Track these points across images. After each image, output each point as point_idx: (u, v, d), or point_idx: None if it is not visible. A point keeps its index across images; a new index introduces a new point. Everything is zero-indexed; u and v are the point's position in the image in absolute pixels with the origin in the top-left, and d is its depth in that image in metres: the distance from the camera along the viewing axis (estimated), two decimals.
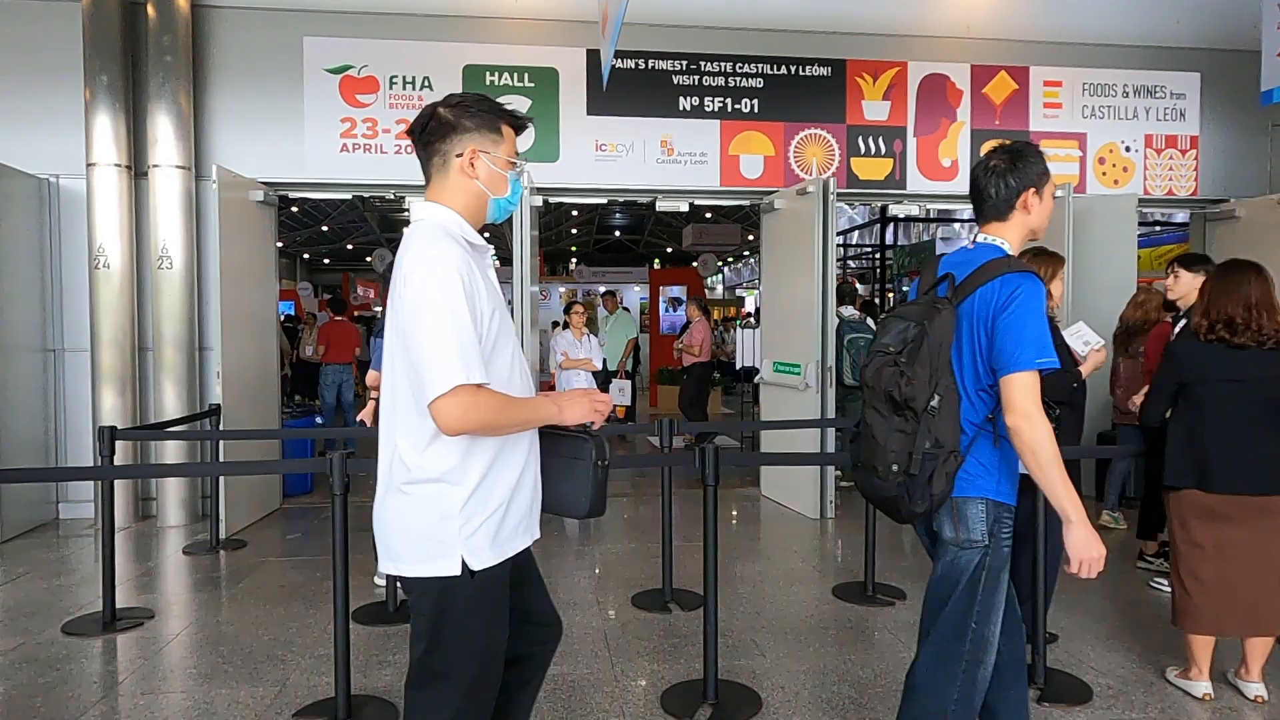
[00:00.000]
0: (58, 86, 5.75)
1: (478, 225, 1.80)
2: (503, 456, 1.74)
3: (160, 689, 3.26)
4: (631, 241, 24.67)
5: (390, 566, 1.76)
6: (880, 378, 1.98)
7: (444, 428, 1.61)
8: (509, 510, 1.76)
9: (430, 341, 1.60)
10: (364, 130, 6.08)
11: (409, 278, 1.65)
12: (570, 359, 6.88)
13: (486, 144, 1.76)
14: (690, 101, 6.38)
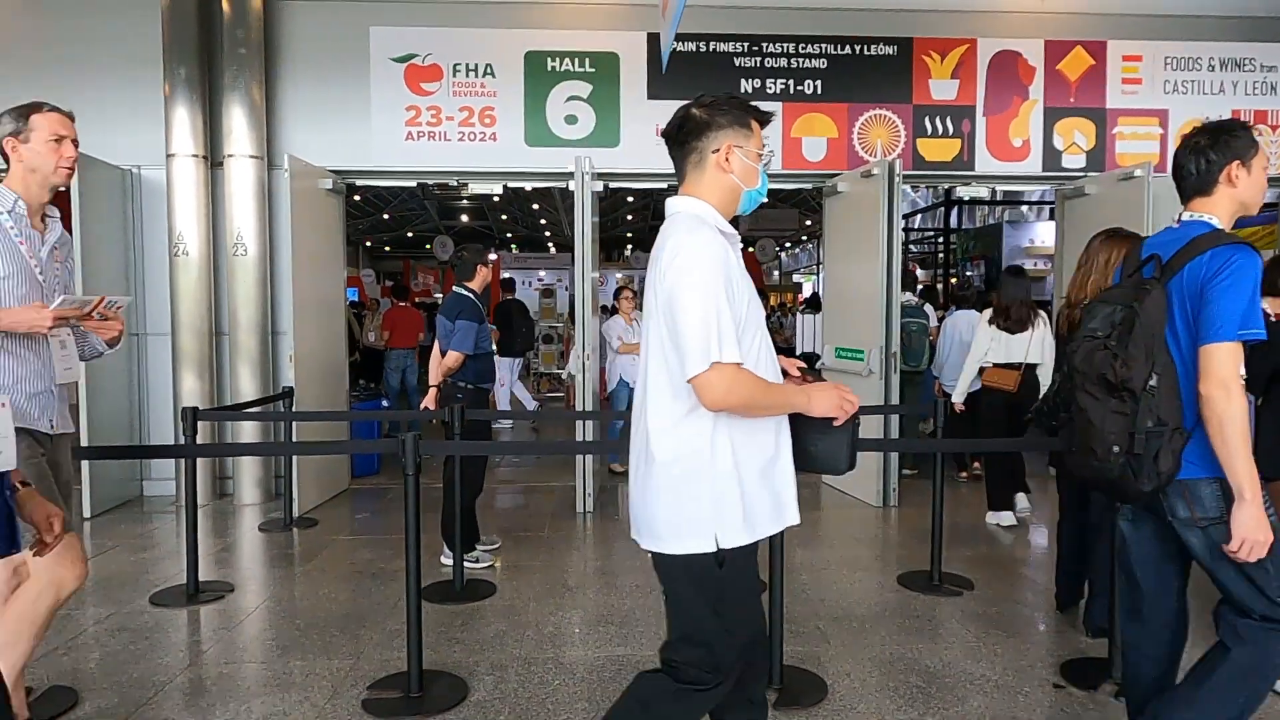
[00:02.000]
0: (139, 81, 5.97)
1: (728, 216, 1.88)
2: (753, 439, 1.81)
3: (241, 659, 3.39)
4: None
5: (647, 543, 1.85)
6: (1091, 361, 2.04)
7: (707, 403, 1.70)
8: (759, 492, 1.82)
9: (692, 321, 1.69)
10: (428, 118, 6.16)
11: (672, 263, 1.74)
12: (625, 344, 6.91)
13: (739, 139, 1.84)
14: (752, 84, 6.30)
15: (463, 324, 4.42)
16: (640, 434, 1.87)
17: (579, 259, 5.72)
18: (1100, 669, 3.18)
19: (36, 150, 2.42)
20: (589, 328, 5.72)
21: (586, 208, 5.67)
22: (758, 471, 1.82)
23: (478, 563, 4.51)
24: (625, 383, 6.87)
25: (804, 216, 19.71)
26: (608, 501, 6.19)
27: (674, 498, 1.79)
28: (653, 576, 4.34)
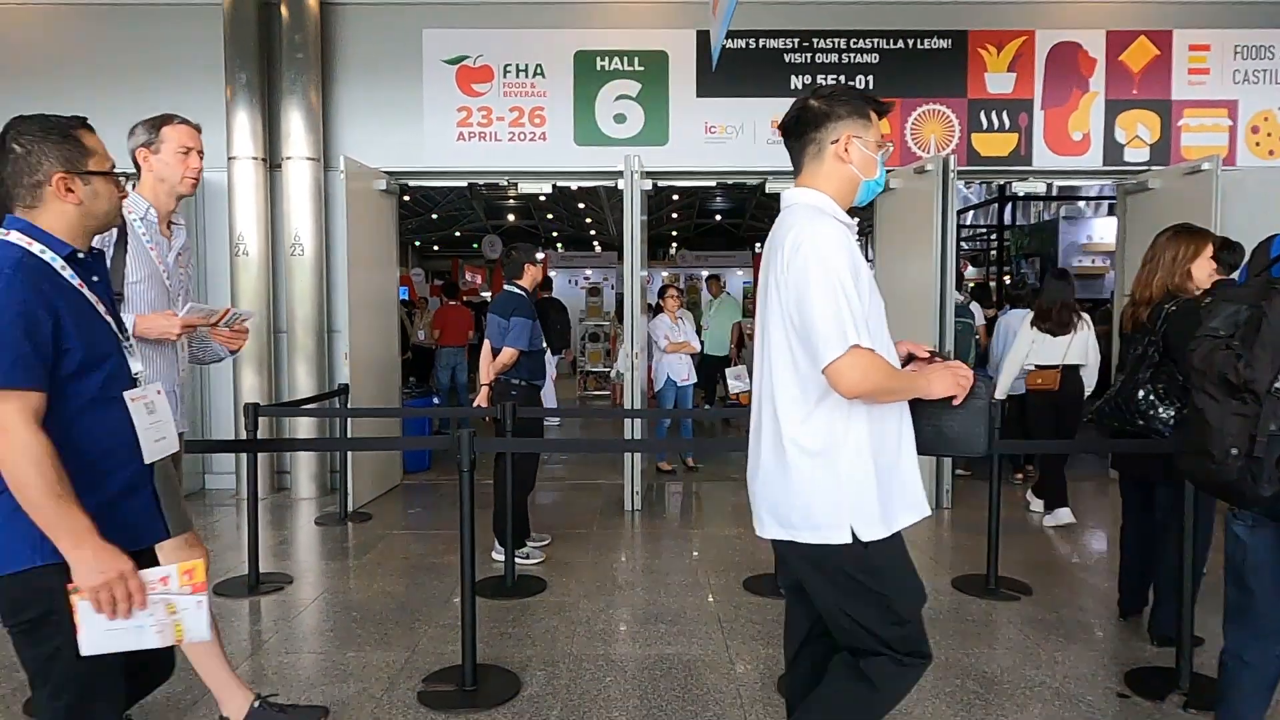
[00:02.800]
0: (201, 87, 6.13)
1: (845, 208, 1.89)
2: (883, 427, 1.82)
3: (300, 649, 3.48)
4: (732, 225, 24.45)
5: (778, 532, 1.86)
6: (1211, 361, 2.00)
7: (844, 389, 1.71)
8: (893, 482, 1.83)
9: (823, 310, 1.70)
10: (479, 119, 6.24)
11: (796, 254, 1.76)
12: (672, 343, 6.91)
13: (858, 129, 1.85)
14: (802, 80, 6.24)
15: (517, 321, 4.47)
16: (765, 428, 1.89)
17: (627, 258, 5.74)
18: (1167, 679, 3.08)
19: (166, 161, 2.50)
20: (637, 326, 5.73)
21: (635, 206, 5.68)
22: (890, 460, 1.83)
23: (528, 558, 4.55)
24: (673, 381, 6.87)
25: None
26: (655, 500, 6.20)
27: (807, 488, 1.80)
28: (701, 576, 4.36)
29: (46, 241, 1.64)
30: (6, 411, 1.50)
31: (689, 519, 5.71)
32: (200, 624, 1.66)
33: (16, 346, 1.51)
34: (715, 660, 3.33)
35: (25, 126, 1.65)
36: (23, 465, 1.50)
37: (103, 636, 1.58)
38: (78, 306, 1.63)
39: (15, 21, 6.29)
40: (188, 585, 1.64)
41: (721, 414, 9.22)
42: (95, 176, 1.69)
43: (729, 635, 3.58)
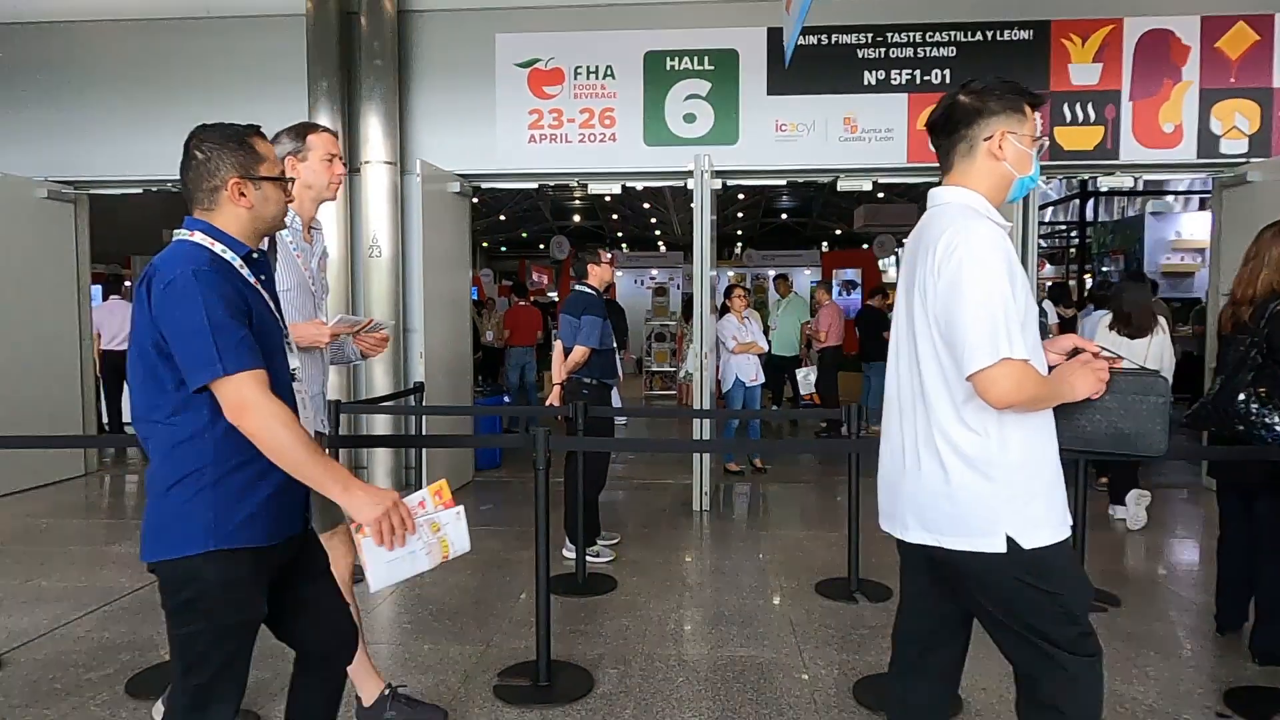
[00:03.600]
0: (285, 94, 6.36)
1: (997, 205, 1.83)
2: (1038, 431, 1.75)
3: (378, 640, 3.57)
4: (798, 224, 24.14)
5: (924, 536, 1.80)
6: None
7: (994, 399, 1.64)
8: (1053, 486, 1.76)
9: (975, 316, 1.64)
10: (550, 121, 6.31)
11: (949, 257, 1.69)
12: (740, 344, 6.86)
13: (1013, 124, 1.79)
14: (875, 75, 6.13)
15: (588, 319, 4.51)
16: (909, 430, 1.83)
17: (697, 257, 5.72)
18: (1271, 700, 2.92)
19: (313, 168, 2.55)
20: (706, 327, 5.71)
21: (705, 206, 5.67)
22: (1047, 464, 1.76)
23: (598, 557, 4.58)
24: (741, 382, 6.82)
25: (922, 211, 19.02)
26: (723, 501, 6.17)
27: (960, 493, 1.73)
28: (771, 578, 4.32)
29: (227, 242, 1.74)
30: (245, 390, 1.60)
31: (758, 520, 5.67)
32: (462, 536, 1.78)
33: (236, 331, 1.62)
34: (788, 664, 3.30)
35: (206, 134, 1.75)
36: (277, 431, 1.61)
37: (386, 569, 1.71)
38: (258, 304, 1.74)
39: (115, 35, 6.63)
40: (440, 504, 1.76)
41: (789, 415, 9.13)
42: (266, 181, 1.77)
43: (801, 639, 3.54)
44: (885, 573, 4.29)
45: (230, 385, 1.60)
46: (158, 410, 1.68)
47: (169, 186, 6.81)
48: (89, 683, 3.11)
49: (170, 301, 1.62)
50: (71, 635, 3.56)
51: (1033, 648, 1.77)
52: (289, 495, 1.76)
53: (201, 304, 1.60)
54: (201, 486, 1.65)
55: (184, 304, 1.61)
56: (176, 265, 1.65)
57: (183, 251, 1.69)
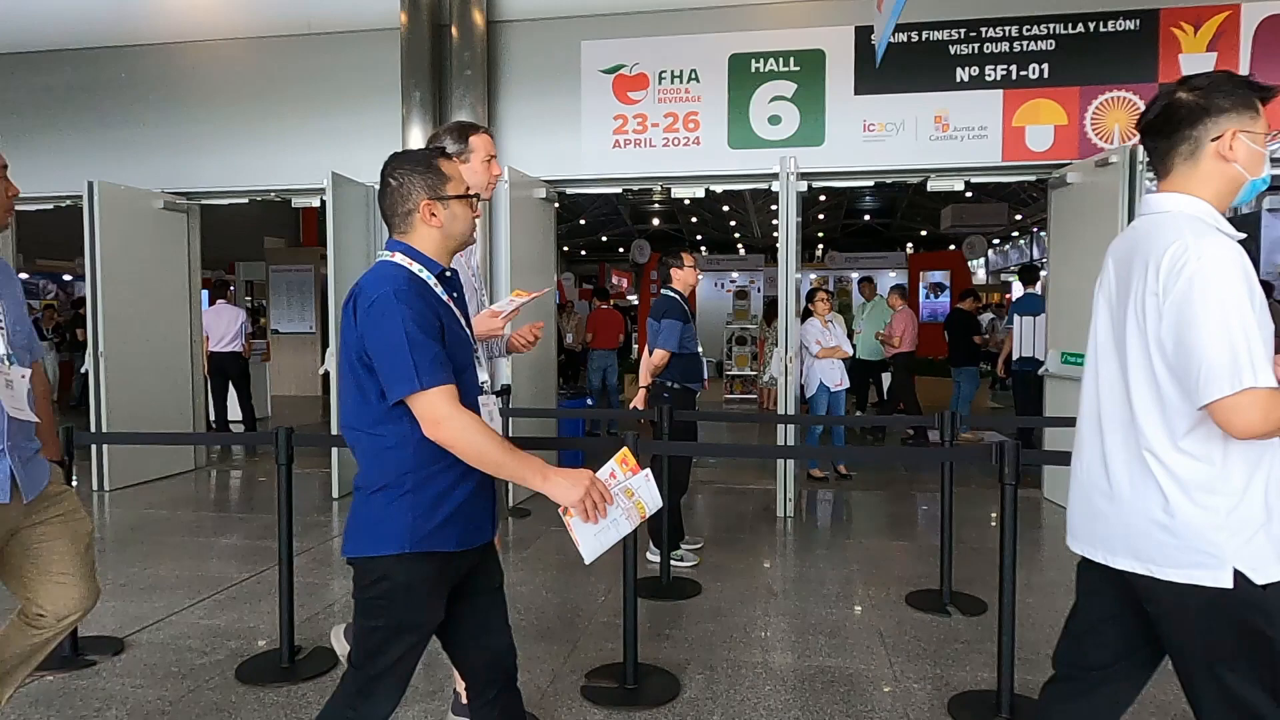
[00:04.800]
0: (381, 104, 6.61)
1: (1223, 211, 1.71)
2: (1265, 457, 1.60)
3: None
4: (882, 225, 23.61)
5: (1134, 565, 1.66)
6: None
7: (1238, 430, 1.50)
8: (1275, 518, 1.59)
9: (1212, 342, 1.50)
10: (634, 126, 6.35)
11: (1178, 274, 1.55)
12: (824, 349, 6.76)
13: (1245, 122, 1.64)
14: (969, 72, 5.94)
15: (667, 323, 4.52)
16: (1113, 453, 1.70)
17: (782, 260, 5.66)
18: None
19: (474, 169, 2.61)
20: (792, 330, 5.64)
21: (790, 208, 5.60)
22: (1274, 495, 1.59)
23: (682, 561, 4.58)
24: (825, 387, 6.72)
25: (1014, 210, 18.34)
26: (807, 507, 6.08)
27: (1176, 520, 1.59)
28: (859, 587, 4.23)
29: (423, 261, 1.83)
30: (438, 404, 1.69)
31: (843, 528, 5.56)
32: (654, 494, 1.85)
33: (430, 348, 1.70)
34: (878, 676, 3.22)
35: (398, 162, 1.86)
36: (473, 437, 1.70)
37: (595, 540, 1.82)
38: (450, 320, 1.82)
39: (223, 54, 7.01)
40: (628, 470, 1.84)
41: (874, 420, 8.93)
42: (453, 200, 1.85)
43: (892, 651, 3.46)
44: (979, 586, 4.16)
45: (425, 400, 1.69)
46: (363, 420, 1.79)
47: (271, 196, 7.16)
48: (202, 667, 3.28)
49: (373, 319, 1.72)
50: (185, 621, 3.77)
51: (1237, 704, 1.57)
52: (480, 503, 1.85)
53: (400, 322, 1.69)
54: (403, 492, 1.75)
55: (385, 322, 1.70)
56: (378, 285, 1.74)
57: (384, 272, 1.79)
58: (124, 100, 7.08)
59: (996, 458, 2.80)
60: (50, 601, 2.23)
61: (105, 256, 6.29)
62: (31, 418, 2.12)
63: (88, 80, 7.13)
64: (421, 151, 1.89)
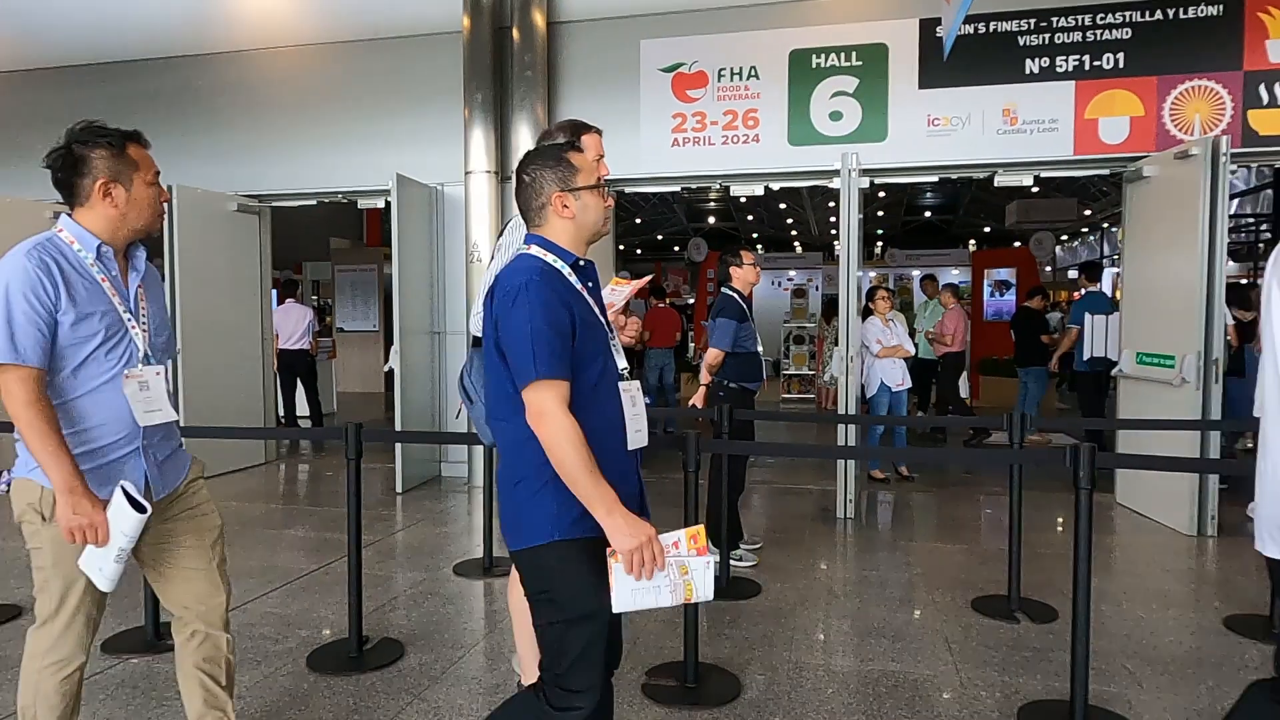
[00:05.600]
0: (443, 107, 6.73)
1: None
2: None
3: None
4: (942, 222, 23.08)
5: None
6: None
7: None
8: None
9: None
10: (693, 124, 6.33)
11: None
12: (886, 348, 6.64)
13: None
14: (1039, 63, 5.77)
15: (721, 321, 4.50)
16: None
17: (842, 258, 5.58)
18: None
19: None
20: (853, 329, 5.56)
21: (851, 205, 5.52)
22: None
23: (741, 561, 4.55)
24: (886, 386, 6.60)
25: (1082, 205, 17.74)
26: (868, 509, 5.98)
27: None
28: (922, 591, 4.15)
29: (557, 252, 1.87)
30: (546, 399, 1.72)
31: (905, 531, 5.46)
32: (707, 584, 1.78)
33: (550, 341, 1.73)
34: (945, 682, 3.16)
35: (530, 158, 1.92)
36: (563, 445, 1.71)
37: (629, 595, 1.76)
38: (583, 308, 1.84)
39: (292, 60, 7.22)
40: (694, 548, 1.78)
41: (936, 421, 8.74)
42: (583, 191, 1.88)
43: (959, 657, 3.38)
44: (1049, 592, 4.05)
45: (536, 391, 1.72)
46: (503, 409, 1.84)
47: (338, 198, 7.35)
48: (275, 654, 3.39)
49: (505, 310, 1.77)
50: (258, 610, 3.89)
51: None
52: (624, 490, 1.81)
53: (528, 313, 1.73)
54: (544, 481, 1.77)
55: (515, 312, 1.75)
56: (513, 277, 1.79)
57: (520, 264, 1.83)
58: (201, 107, 7.35)
59: (1070, 461, 2.71)
60: (179, 597, 2.22)
61: (183, 256, 6.55)
62: (168, 417, 2.12)
63: (167, 88, 7.42)
64: (553, 146, 1.93)
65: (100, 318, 1.99)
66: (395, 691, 3.07)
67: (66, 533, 1.91)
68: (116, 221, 2.04)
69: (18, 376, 1.88)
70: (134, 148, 2.05)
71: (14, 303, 1.88)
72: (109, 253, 2.05)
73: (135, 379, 2.05)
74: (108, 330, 2.00)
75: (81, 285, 1.97)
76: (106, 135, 2.01)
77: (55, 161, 2.02)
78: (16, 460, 2.04)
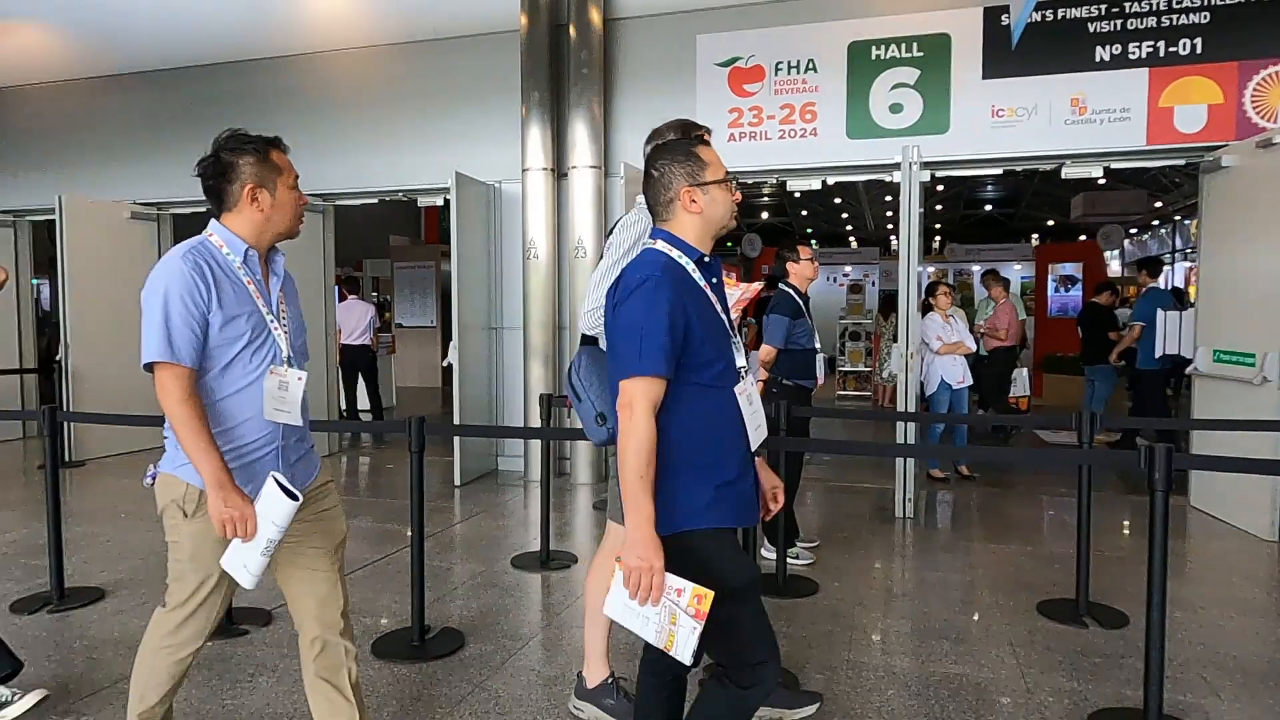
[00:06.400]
0: (500, 106, 6.81)
1: None
2: None
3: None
4: (1003, 215, 22.50)
5: None
6: None
7: None
8: None
9: None
10: (750, 119, 6.29)
11: None
12: (946, 345, 6.50)
13: None
14: (1110, 50, 5.58)
15: (774, 318, 4.46)
16: None
17: (902, 252, 5.48)
18: None
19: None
20: (912, 325, 5.46)
21: (913, 199, 5.42)
22: None
23: (798, 559, 4.52)
24: (947, 384, 6.47)
25: (1152, 197, 17.11)
26: (927, 508, 5.87)
27: None
28: (984, 593, 4.06)
29: (682, 248, 1.87)
30: (637, 394, 1.73)
31: (966, 531, 5.35)
32: (687, 648, 1.72)
33: (659, 339, 1.73)
34: (1010, 687, 3.08)
35: (660, 152, 1.92)
36: (633, 443, 1.72)
37: (621, 609, 1.76)
38: (703, 305, 1.84)
39: (354, 62, 7.39)
40: (693, 608, 1.73)
41: (997, 420, 8.52)
42: (712, 185, 1.87)
43: (1024, 662, 3.30)
44: (1118, 597, 3.92)
45: (632, 384, 1.73)
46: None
47: (399, 196, 7.50)
48: None
49: (623, 300, 1.79)
50: None
51: None
52: (741, 486, 1.85)
53: (644, 308, 1.75)
54: (674, 469, 1.78)
55: (631, 304, 1.77)
56: (638, 270, 1.81)
57: (645, 258, 1.85)
58: (267, 109, 7.57)
59: (1145, 463, 2.62)
60: (301, 599, 2.24)
61: None
62: (294, 421, 2.14)
63: (235, 91, 7.66)
64: (682, 141, 1.91)
65: (247, 319, 2.05)
66: (457, 680, 3.13)
67: (218, 525, 1.95)
68: (261, 225, 2.10)
69: (173, 374, 1.95)
70: (276, 153, 2.12)
71: (172, 305, 1.94)
72: (254, 256, 2.11)
73: (278, 375, 2.10)
74: (253, 331, 2.06)
75: (230, 288, 2.04)
76: (251, 142, 2.08)
77: (205, 169, 2.08)
78: (164, 455, 2.09)
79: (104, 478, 6.89)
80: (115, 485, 6.61)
